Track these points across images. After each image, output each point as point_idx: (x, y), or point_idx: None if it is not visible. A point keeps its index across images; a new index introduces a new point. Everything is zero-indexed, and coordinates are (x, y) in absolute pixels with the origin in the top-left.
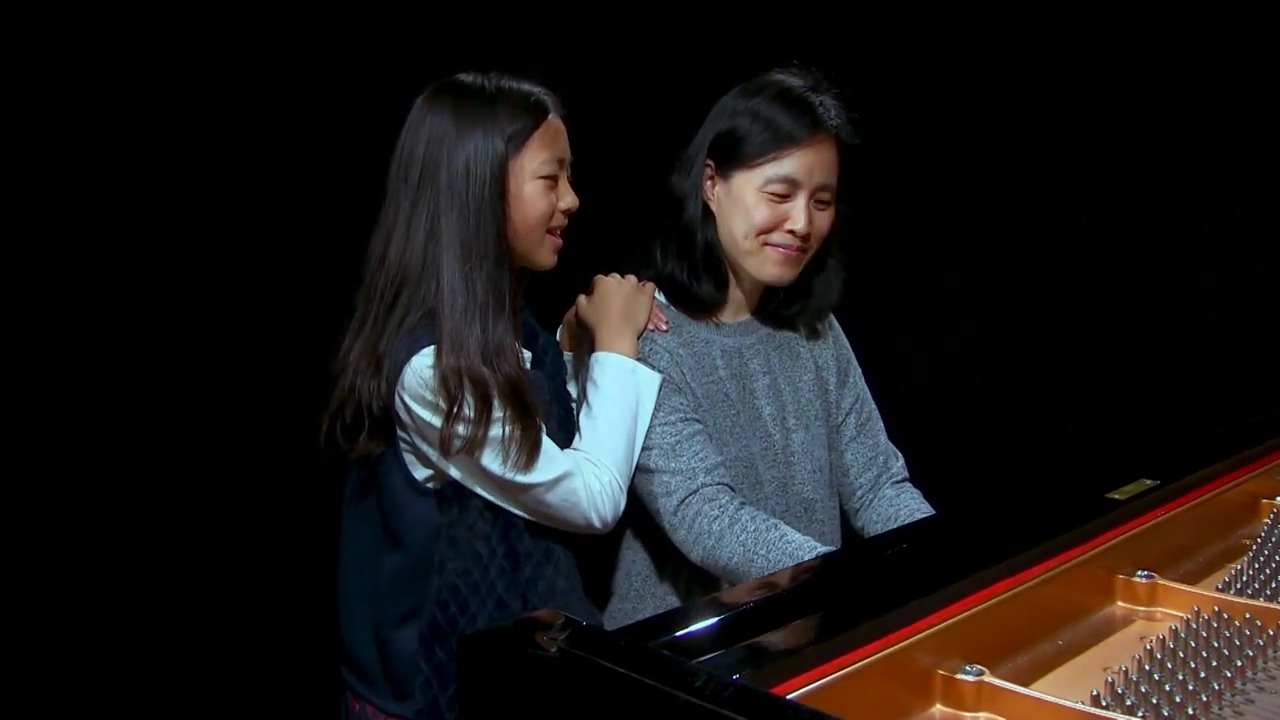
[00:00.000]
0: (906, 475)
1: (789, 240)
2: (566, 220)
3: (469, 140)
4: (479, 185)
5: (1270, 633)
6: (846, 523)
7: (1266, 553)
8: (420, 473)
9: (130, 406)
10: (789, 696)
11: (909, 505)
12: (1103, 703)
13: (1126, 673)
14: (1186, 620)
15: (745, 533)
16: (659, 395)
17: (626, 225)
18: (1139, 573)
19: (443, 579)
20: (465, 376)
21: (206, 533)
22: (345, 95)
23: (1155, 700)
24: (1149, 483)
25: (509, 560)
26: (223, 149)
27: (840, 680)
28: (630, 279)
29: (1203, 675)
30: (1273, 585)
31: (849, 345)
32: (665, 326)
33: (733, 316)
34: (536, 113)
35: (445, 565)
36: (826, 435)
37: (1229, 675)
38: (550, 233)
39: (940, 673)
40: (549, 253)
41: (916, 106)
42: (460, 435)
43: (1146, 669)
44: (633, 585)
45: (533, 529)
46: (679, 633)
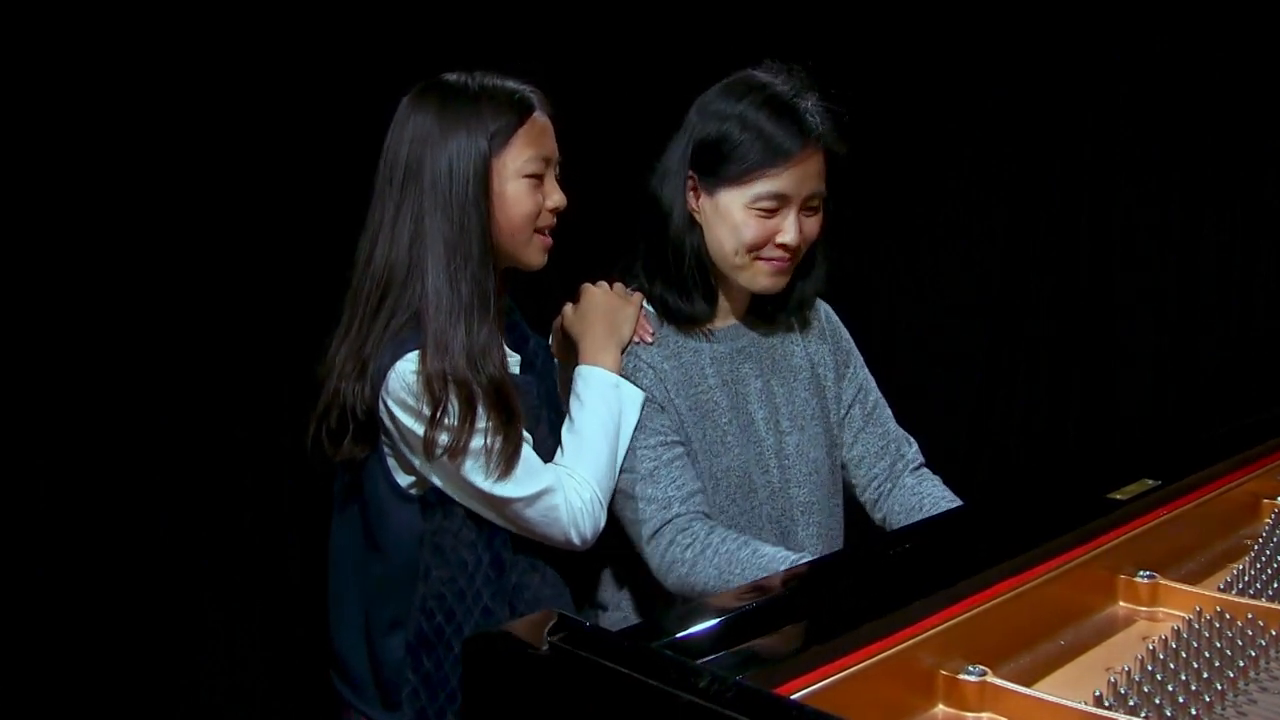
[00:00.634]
0: (923, 460)
1: (779, 254)
2: (555, 220)
3: (452, 139)
4: (462, 184)
5: (1273, 633)
6: (864, 517)
7: (1268, 553)
8: (403, 479)
9: (130, 406)
10: (792, 697)
11: (932, 494)
12: (1105, 703)
13: (1129, 673)
14: (1188, 620)
15: (718, 555)
16: (641, 415)
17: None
18: (1141, 573)
19: (428, 587)
20: (449, 379)
21: (206, 533)
22: (347, 96)
23: (1158, 700)
24: (1150, 483)
25: (494, 568)
26: (223, 149)
27: (843, 681)
28: (617, 289)
29: (1205, 676)
30: (1275, 585)
31: (849, 336)
32: (651, 339)
33: (721, 322)
34: (520, 110)
35: (430, 573)
36: (825, 435)
37: (1231, 675)
38: (538, 232)
39: (943, 673)
40: (538, 253)
41: (916, 106)
42: (443, 439)
43: (1149, 669)
44: (622, 597)
45: (518, 537)
46: (681, 634)
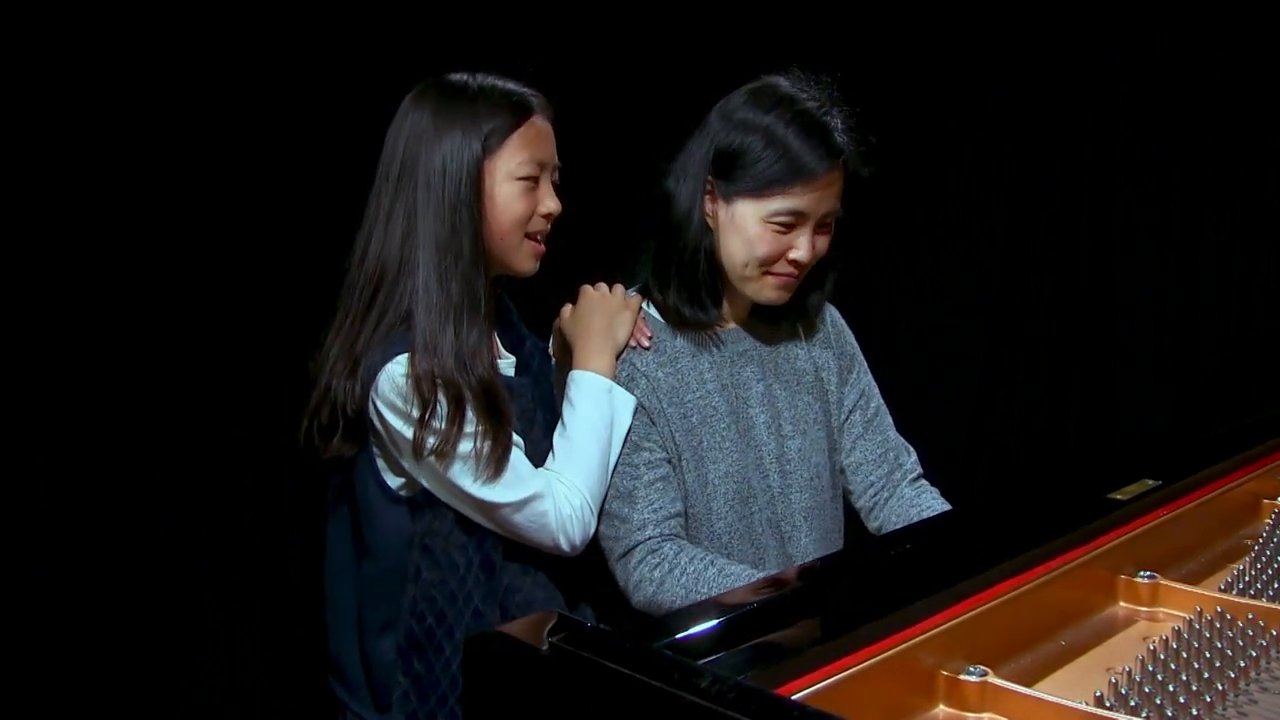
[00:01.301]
0: (921, 471)
1: (789, 269)
2: (548, 225)
3: (446, 138)
4: (454, 183)
5: (1273, 633)
6: (858, 523)
7: (1268, 553)
8: (394, 481)
9: (130, 407)
10: (793, 697)
11: (931, 506)
12: (1106, 703)
13: (1130, 673)
14: (1189, 620)
15: (685, 574)
16: (631, 426)
17: (619, 232)
18: (1141, 573)
19: (418, 589)
20: (438, 379)
21: (206, 533)
22: (348, 94)
23: (1159, 701)
24: (1150, 483)
25: (485, 570)
26: (223, 149)
27: (844, 681)
28: (617, 291)
29: (1206, 676)
30: (1275, 586)
31: (854, 341)
32: (648, 343)
33: (724, 325)
34: (518, 112)
35: (420, 575)
36: (826, 439)
37: (1232, 676)
38: (530, 238)
39: (944, 673)
40: (528, 258)
41: (916, 106)
42: (431, 440)
43: (1149, 669)
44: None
45: (509, 539)
46: (682, 634)
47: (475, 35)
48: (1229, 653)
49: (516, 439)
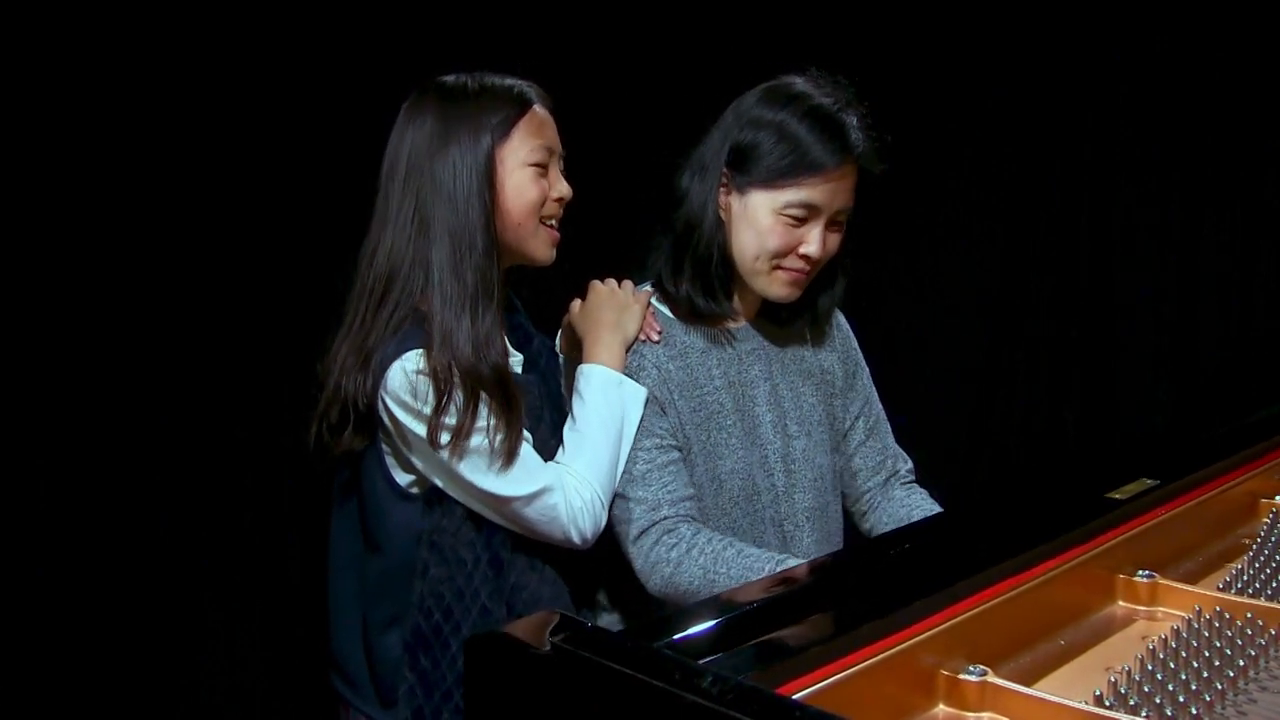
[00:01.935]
0: (914, 477)
1: (800, 264)
2: (561, 210)
3: (454, 138)
4: (466, 177)
5: (1272, 632)
6: (852, 525)
7: (1267, 552)
8: (403, 477)
9: (130, 407)
10: (793, 696)
11: (921, 506)
12: (1106, 702)
13: (1129, 672)
14: (1188, 620)
15: (704, 555)
16: (643, 415)
17: (628, 227)
18: (1140, 572)
19: (426, 585)
20: (455, 369)
21: (206, 533)
22: (348, 97)
23: (1158, 700)
24: (1149, 482)
25: (493, 567)
26: (224, 150)
27: (844, 681)
28: (626, 286)
29: (1205, 675)
30: (1273, 585)
31: (858, 348)
32: (657, 337)
33: (734, 323)
34: (519, 103)
35: (428, 571)
36: (830, 441)
37: (1231, 675)
38: (544, 224)
39: (943, 673)
40: (544, 246)
41: (916, 106)
42: (446, 433)
43: (1149, 668)
44: (621, 597)
45: (517, 535)
46: (683, 634)
47: (475, 36)
48: (1228, 652)
49: (525, 434)
